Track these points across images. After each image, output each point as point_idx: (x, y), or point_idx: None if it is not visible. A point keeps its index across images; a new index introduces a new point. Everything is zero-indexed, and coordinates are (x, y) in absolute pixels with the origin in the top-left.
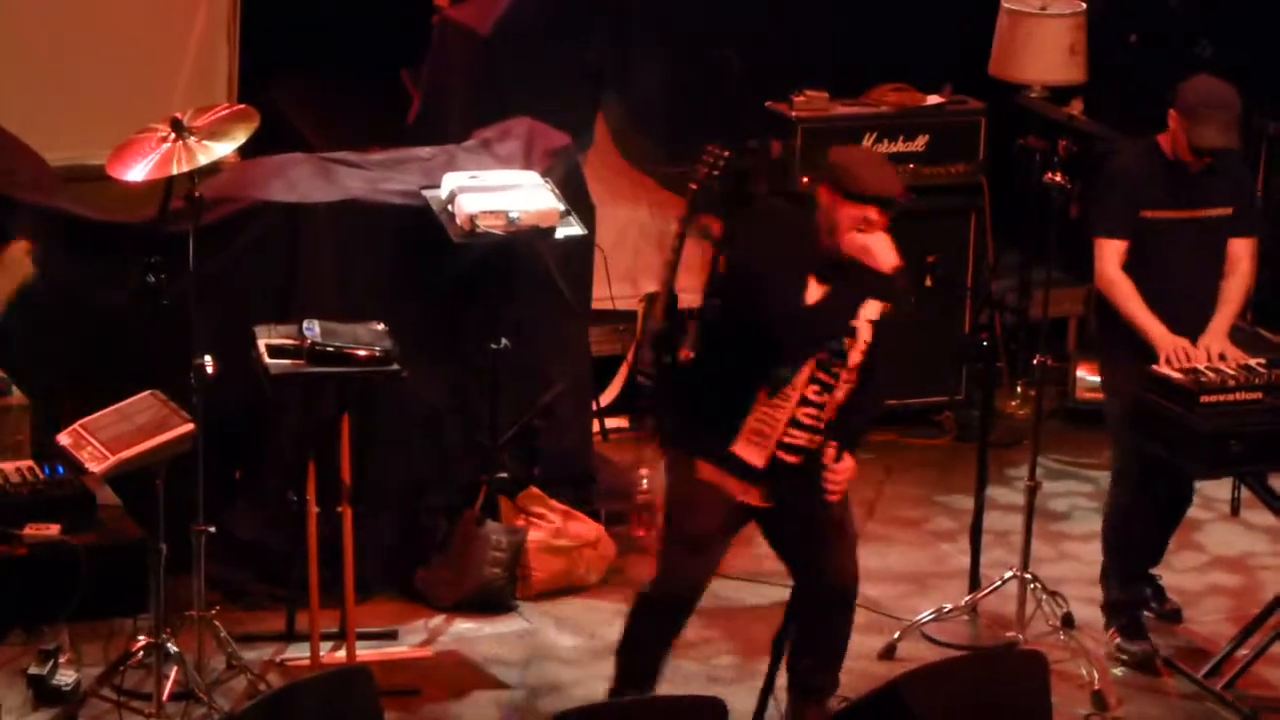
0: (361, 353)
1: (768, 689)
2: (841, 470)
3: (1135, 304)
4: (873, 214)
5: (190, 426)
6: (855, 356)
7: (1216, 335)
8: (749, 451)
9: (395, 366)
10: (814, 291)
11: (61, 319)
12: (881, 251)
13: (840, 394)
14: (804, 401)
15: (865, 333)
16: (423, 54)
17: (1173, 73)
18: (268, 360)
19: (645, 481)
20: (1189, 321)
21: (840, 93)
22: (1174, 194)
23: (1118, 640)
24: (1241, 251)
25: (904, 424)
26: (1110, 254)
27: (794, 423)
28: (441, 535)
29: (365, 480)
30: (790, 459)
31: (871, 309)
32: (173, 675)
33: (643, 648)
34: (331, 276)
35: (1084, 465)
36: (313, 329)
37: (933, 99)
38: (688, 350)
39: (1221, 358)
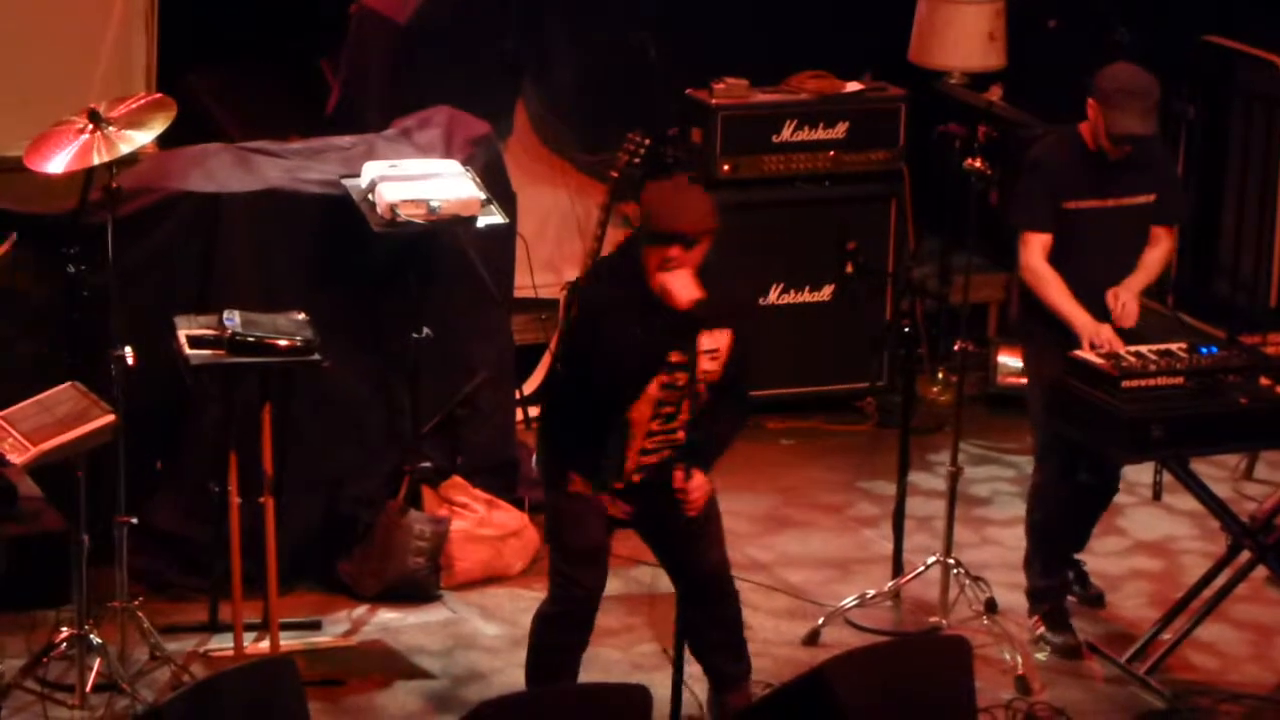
0: (282, 343)
1: (678, 682)
2: (694, 489)
3: (1059, 294)
4: (674, 252)
5: (111, 418)
6: (699, 385)
7: (1128, 288)
8: (634, 473)
9: (316, 356)
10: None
11: None
12: (678, 290)
13: (683, 419)
14: (650, 433)
15: (704, 363)
16: (341, 44)
17: (1091, 58)
18: (188, 350)
19: None
20: (1108, 308)
21: (760, 80)
22: (1095, 184)
23: (1041, 630)
24: (1162, 232)
25: (826, 410)
26: (1034, 246)
27: (643, 451)
28: (364, 525)
29: (287, 471)
30: (642, 478)
31: (710, 340)
32: (95, 667)
33: (550, 664)
34: (252, 266)
35: (1006, 450)
36: (233, 319)
37: (852, 86)
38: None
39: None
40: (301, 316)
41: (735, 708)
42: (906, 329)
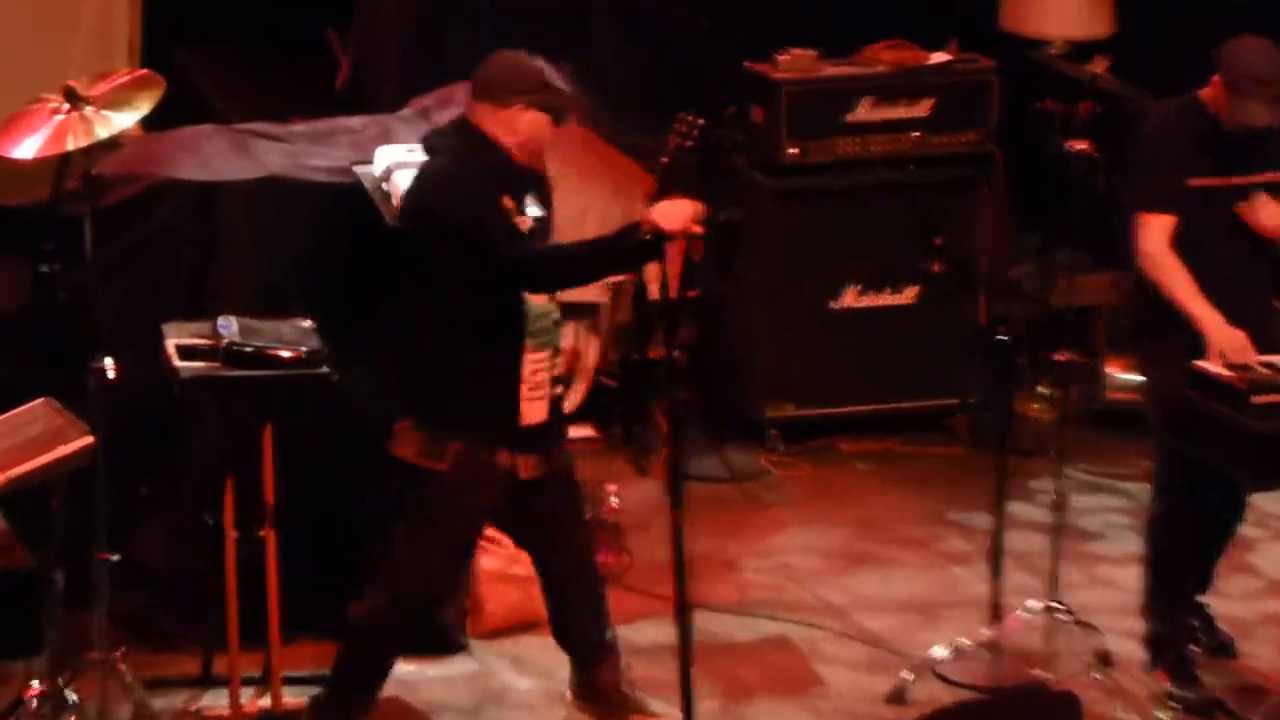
0: (285, 353)
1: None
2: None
3: (1183, 287)
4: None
5: (89, 439)
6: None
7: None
8: (532, 412)
9: (324, 369)
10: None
11: None
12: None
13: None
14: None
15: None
16: (352, 11)
17: (1207, 24)
18: (177, 362)
19: (614, 499)
20: (1242, 307)
21: (830, 51)
22: (1223, 158)
23: (1168, 685)
24: None
25: (909, 430)
26: (1155, 230)
27: (558, 350)
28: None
29: (291, 500)
30: (561, 390)
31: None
32: None
33: (372, 666)
34: (251, 266)
35: (1118, 476)
36: (229, 326)
37: (937, 57)
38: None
39: None
40: (307, 324)
41: (612, 681)
42: (1002, 337)
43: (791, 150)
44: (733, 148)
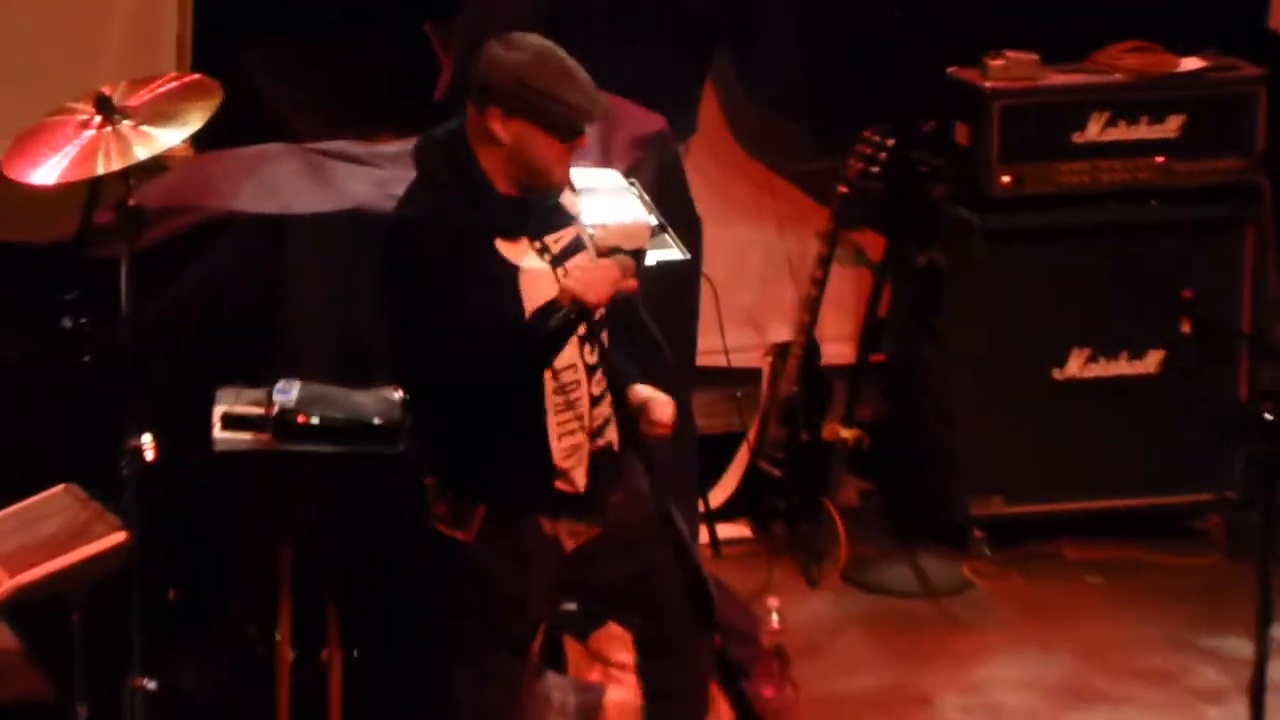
0: (354, 425)
1: None
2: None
3: None
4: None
5: (121, 535)
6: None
7: None
8: (569, 470)
9: (396, 445)
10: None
11: None
12: None
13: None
14: (591, 369)
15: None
16: (454, 1)
17: None
18: (218, 434)
19: (775, 616)
20: None
21: (1056, 55)
22: None
23: None
24: None
25: (1150, 533)
26: None
27: (595, 399)
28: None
29: (363, 611)
30: (607, 441)
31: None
32: None
33: None
34: (327, 318)
35: None
36: (288, 392)
37: (1190, 63)
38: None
39: None
40: (396, 394)
41: None
42: (1270, 415)
43: (1005, 178)
44: (931, 175)
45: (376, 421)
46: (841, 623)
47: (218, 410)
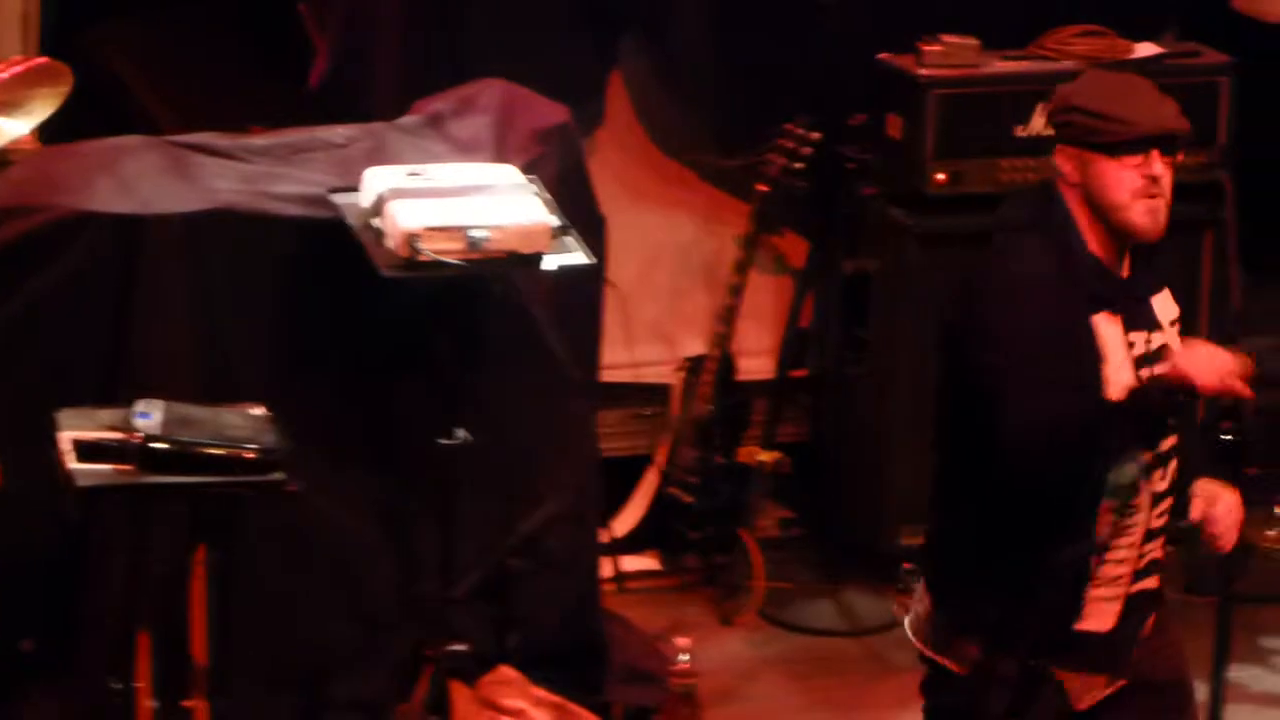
0: (226, 453)
1: None
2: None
3: None
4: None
5: None
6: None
7: None
8: (1098, 614)
9: (280, 475)
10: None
11: None
12: None
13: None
14: (1157, 498)
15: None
16: None
17: None
18: (74, 465)
19: (685, 657)
20: None
21: (997, 39)
22: None
23: None
24: None
25: None
26: None
27: (1149, 534)
28: None
29: (233, 656)
30: (1150, 584)
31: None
32: None
33: None
34: (189, 331)
35: None
36: (150, 415)
37: (1145, 48)
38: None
39: None
40: (260, 412)
41: None
42: (1229, 436)
43: (941, 176)
44: (859, 172)
45: (252, 449)
46: (758, 664)
47: (66, 436)
